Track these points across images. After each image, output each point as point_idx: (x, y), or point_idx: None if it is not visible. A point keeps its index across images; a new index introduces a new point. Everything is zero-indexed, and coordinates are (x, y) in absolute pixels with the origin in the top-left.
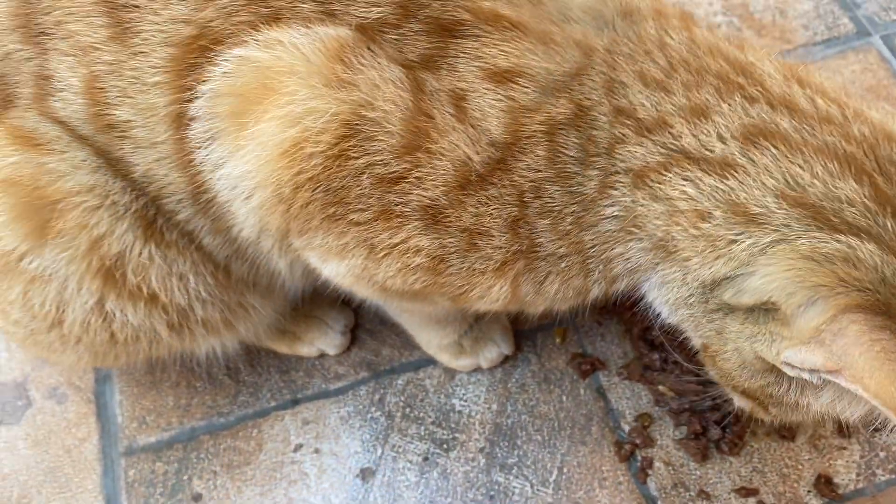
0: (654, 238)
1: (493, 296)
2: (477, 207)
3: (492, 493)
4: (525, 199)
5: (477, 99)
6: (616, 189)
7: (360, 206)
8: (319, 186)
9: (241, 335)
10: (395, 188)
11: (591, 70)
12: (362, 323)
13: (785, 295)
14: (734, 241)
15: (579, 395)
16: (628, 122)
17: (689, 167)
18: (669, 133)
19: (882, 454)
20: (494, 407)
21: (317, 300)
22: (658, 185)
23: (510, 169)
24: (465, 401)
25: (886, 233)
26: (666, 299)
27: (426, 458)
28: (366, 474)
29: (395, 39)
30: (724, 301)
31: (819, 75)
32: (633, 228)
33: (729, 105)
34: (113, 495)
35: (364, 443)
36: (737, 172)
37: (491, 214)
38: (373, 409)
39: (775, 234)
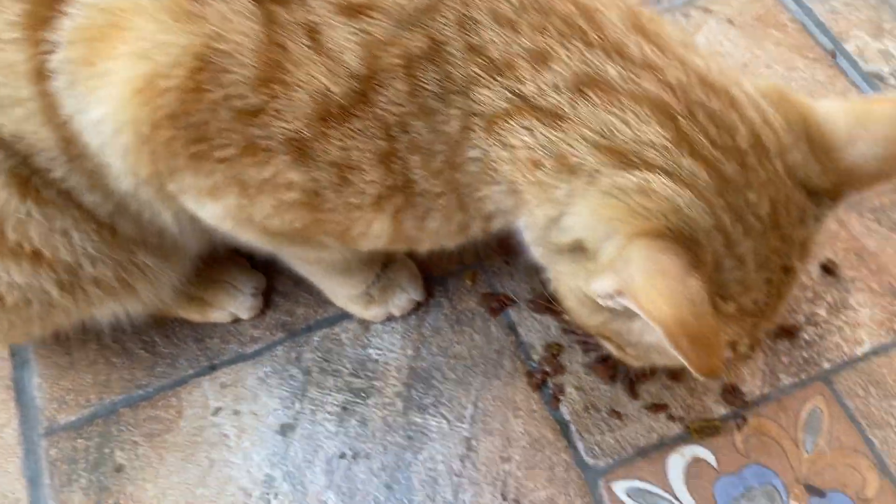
0: (508, 183)
1: (375, 231)
2: (343, 140)
3: (410, 433)
4: (392, 134)
5: (330, 32)
6: (474, 132)
7: (223, 142)
8: (178, 122)
9: (144, 299)
10: (256, 121)
11: (444, 5)
12: (275, 286)
13: (589, 231)
14: (557, 188)
15: (491, 333)
16: (480, 61)
17: (528, 116)
18: (515, 76)
19: (785, 359)
20: (410, 352)
21: (223, 264)
22: (504, 132)
23: (372, 102)
24: (381, 349)
25: (682, 169)
26: (528, 240)
27: (344, 408)
28: (285, 429)
29: None
30: (553, 242)
31: (664, 25)
32: (491, 173)
33: (567, 52)
34: (35, 476)
35: (283, 400)
36: (563, 123)
37: (358, 148)
38: (290, 367)
39: (586, 178)
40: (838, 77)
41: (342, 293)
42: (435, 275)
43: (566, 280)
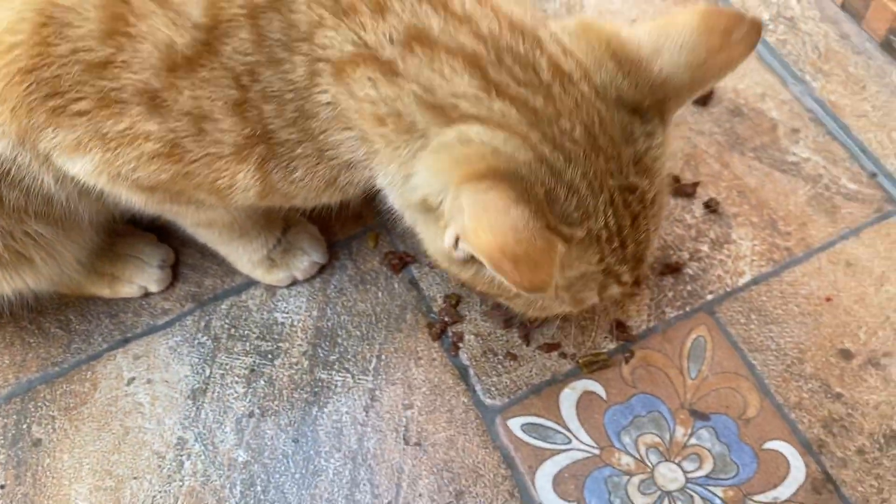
0: (359, 130)
1: (243, 183)
2: (192, 90)
3: (316, 389)
4: (243, 83)
5: None
6: (322, 77)
7: (77, 95)
8: (31, 77)
9: (45, 273)
10: (106, 73)
11: None
12: (183, 259)
13: (429, 188)
14: (400, 147)
15: (394, 290)
16: (325, 3)
17: (371, 67)
18: (359, 21)
19: (670, 294)
20: (315, 313)
21: (129, 239)
22: (351, 82)
23: (217, 51)
24: (287, 313)
25: (493, 112)
26: (393, 203)
27: (252, 370)
28: (196, 394)
29: None
30: (409, 202)
31: None
32: (342, 119)
33: (401, 3)
34: None
35: (193, 367)
36: (398, 79)
37: (209, 97)
38: (199, 335)
39: (421, 139)
40: None
41: (245, 259)
42: (339, 238)
43: (430, 240)
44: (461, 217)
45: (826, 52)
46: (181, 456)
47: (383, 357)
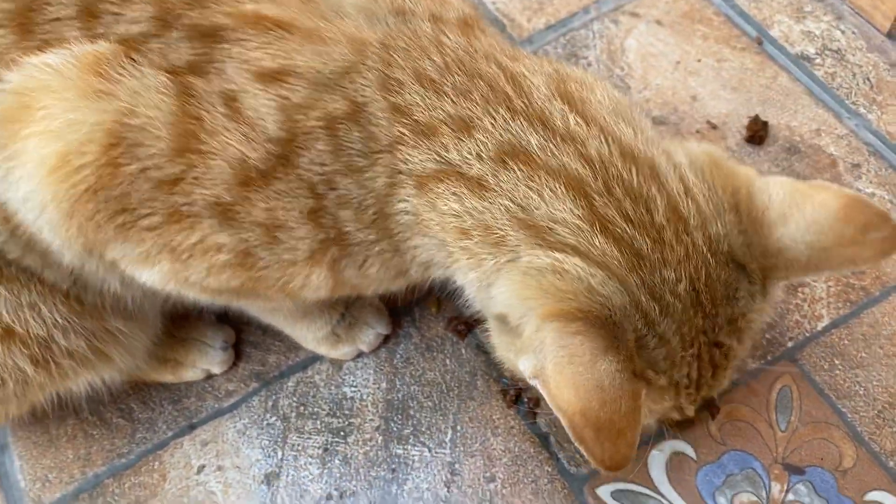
0: (439, 240)
1: (315, 283)
2: (267, 202)
3: (393, 466)
4: (319, 192)
5: (248, 99)
6: (403, 188)
7: (147, 212)
8: (98, 196)
9: (119, 366)
10: (176, 189)
11: (364, 66)
12: (245, 337)
13: (510, 308)
14: (485, 260)
15: (461, 356)
16: (405, 122)
17: (456, 182)
18: (440, 143)
19: None
20: (384, 385)
21: (191, 322)
22: (434, 196)
23: (293, 164)
24: (356, 386)
25: (594, 248)
26: (467, 291)
27: (326, 449)
28: (270, 478)
29: (159, 48)
30: (486, 307)
31: (594, 90)
32: (422, 227)
33: (492, 119)
34: None
35: (264, 449)
36: (488, 194)
37: (284, 208)
38: (267, 415)
39: (510, 254)
40: (767, 63)
41: (309, 336)
42: (400, 306)
43: (502, 348)
44: (542, 356)
45: (878, 83)
46: None
47: (459, 428)
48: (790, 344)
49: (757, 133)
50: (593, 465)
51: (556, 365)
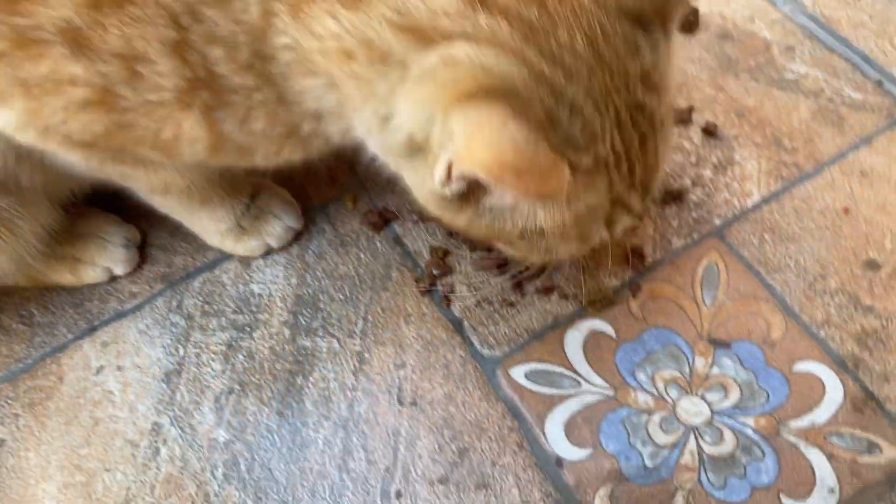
0: (325, 75)
1: (189, 133)
2: (121, 29)
3: (299, 358)
4: (182, 23)
5: None
6: (278, 17)
7: None
8: None
9: (5, 253)
10: (19, 9)
11: None
12: (152, 241)
13: (414, 124)
14: (376, 83)
15: (376, 249)
16: None
17: (328, 0)
18: None
19: (675, 223)
20: (294, 281)
21: (91, 218)
22: (310, 19)
23: None
24: (264, 283)
25: (478, 29)
26: (375, 150)
27: (230, 346)
28: (170, 376)
29: None
30: (392, 146)
31: None
32: (306, 63)
33: None
34: None
35: (166, 348)
36: (362, 4)
37: (143, 37)
38: (171, 315)
39: (399, 68)
40: None
41: (212, 229)
42: (314, 203)
43: (419, 185)
44: (452, 144)
45: None
46: (156, 442)
47: (370, 318)
48: (718, 222)
49: (686, 17)
50: (524, 197)
51: (466, 138)
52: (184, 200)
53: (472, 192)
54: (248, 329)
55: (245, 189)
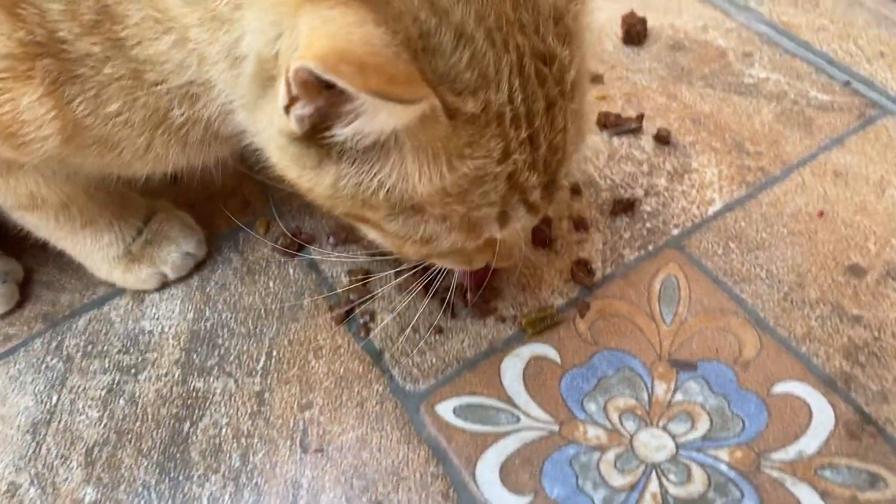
0: (170, 25)
1: (32, 112)
2: None
3: (189, 401)
4: None
5: None
6: None
7: None
8: None
9: None
10: None
11: None
12: (37, 277)
13: (262, 40)
14: (219, 7)
15: (288, 276)
16: None
17: None
18: None
19: (626, 234)
20: (191, 315)
21: None
22: None
23: None
24: (157, 318)
25: None
26: (244, 123)
27: (111, 390)
28: (37, 427)
29: None
30: (245, 87)
31: None
32: (153, 14)
33: None
34: None
35: (37, 395)
36: None
37: None
38: (48, 357)
39: None
40: None
41: (98, 257)
42: (223, 231)
43: (271, 135)
44: (295, 44)
45: None
46: None
47: (275, 353)
48: (675, 231)
49: (633, 28)
50: (361, 94)
51: (309, 34)
52: (62, 220)
53: (324, 124)
54: (134, 370)
55: (138, 210)
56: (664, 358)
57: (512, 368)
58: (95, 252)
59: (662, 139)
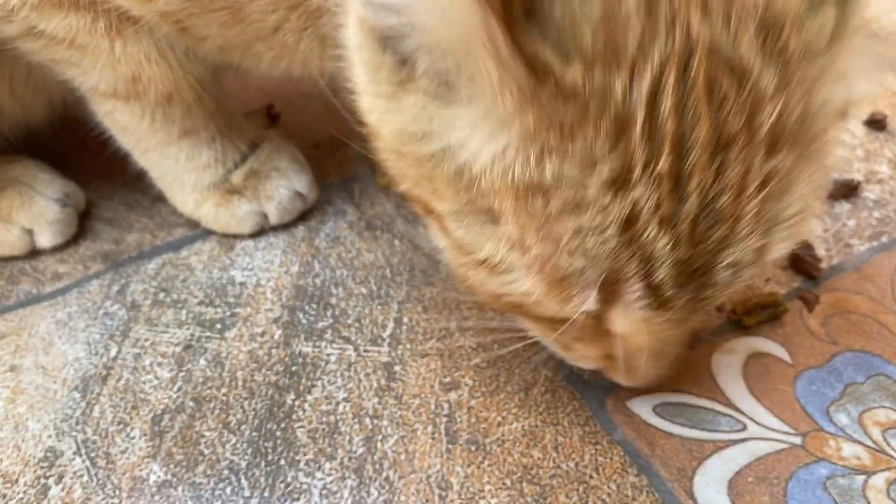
0: None
1: None
2: None
3: (293, 368)
4: None
5: None
6: None
7: None
8: None
9: None
10: None
11: None
12: (98, 212)
13: None
14: None
15: (419, 235)
16: None
17: None
18: None
19: (851, 223)
20: (295, 269)
21: (15, 163)
22: None
23: None
24: (251, 269)
25: None
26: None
27: (188, 347)
28: (90, 384)
29: None
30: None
31: None
32: None
33: None
34: None
35: (91, 345)
36: None
37: None
38: (108, 303)
39: None
40: None
41: (189, 182)
42: (333, 180)
43: (355, 37)
44: None
45: None
46: (47, 478)
47: (405, 321)
48: None
49: None
50: None
51: None
52: (157, 122)
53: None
54: (220, 327)
55: (244, 133)
56: None
57: (727, 365)
58: (187, 174)
59: (878, 124)
